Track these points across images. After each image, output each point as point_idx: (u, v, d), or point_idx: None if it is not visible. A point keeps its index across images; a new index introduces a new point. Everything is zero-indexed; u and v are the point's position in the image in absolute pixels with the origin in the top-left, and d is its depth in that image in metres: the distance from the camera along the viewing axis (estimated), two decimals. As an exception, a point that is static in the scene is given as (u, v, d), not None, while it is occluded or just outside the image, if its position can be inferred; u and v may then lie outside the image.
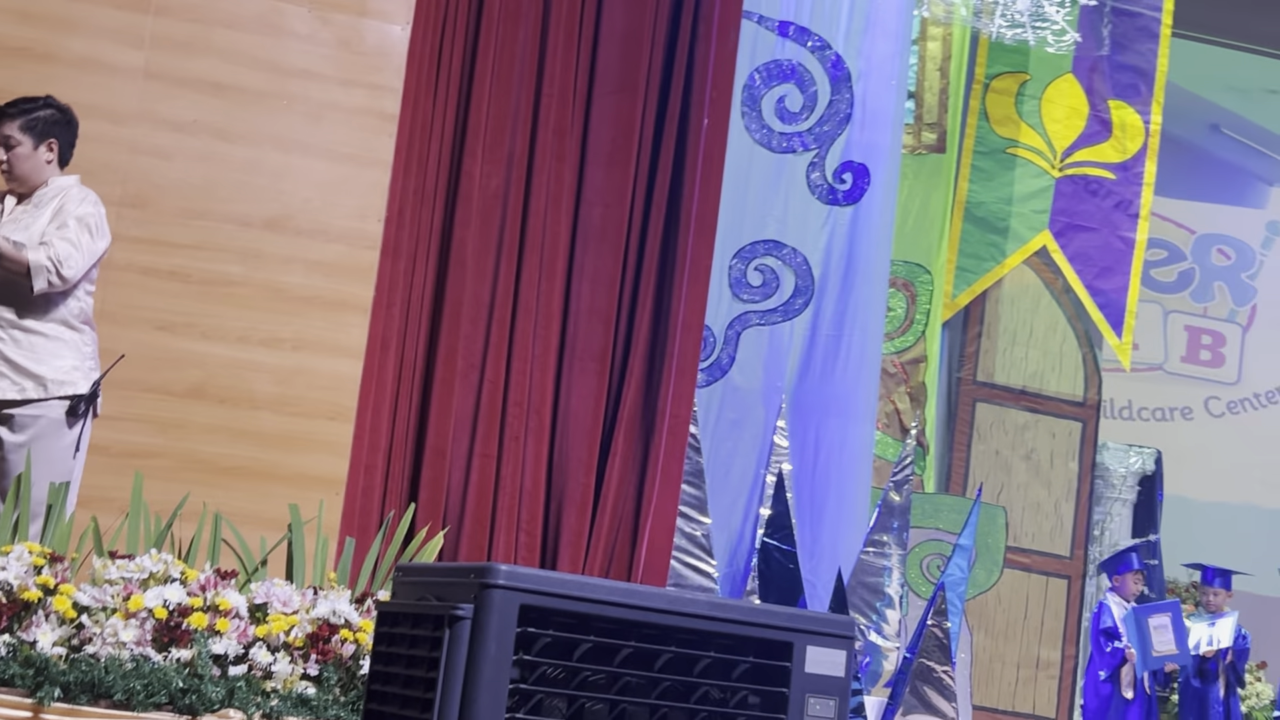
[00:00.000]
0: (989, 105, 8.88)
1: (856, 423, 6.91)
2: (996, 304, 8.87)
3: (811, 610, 5.12)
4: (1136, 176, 8.91)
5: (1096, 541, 9.04)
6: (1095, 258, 8.89)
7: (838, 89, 6.90)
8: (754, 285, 6.84)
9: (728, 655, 2.80)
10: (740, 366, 6.76)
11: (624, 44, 5.79)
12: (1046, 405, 8.80)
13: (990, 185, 8.87)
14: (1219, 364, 11.76)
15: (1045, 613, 8.44)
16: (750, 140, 6.81)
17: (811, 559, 6.41)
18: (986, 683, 8.11)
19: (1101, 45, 8.83)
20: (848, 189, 7.01)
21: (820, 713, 2.81)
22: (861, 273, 7.01)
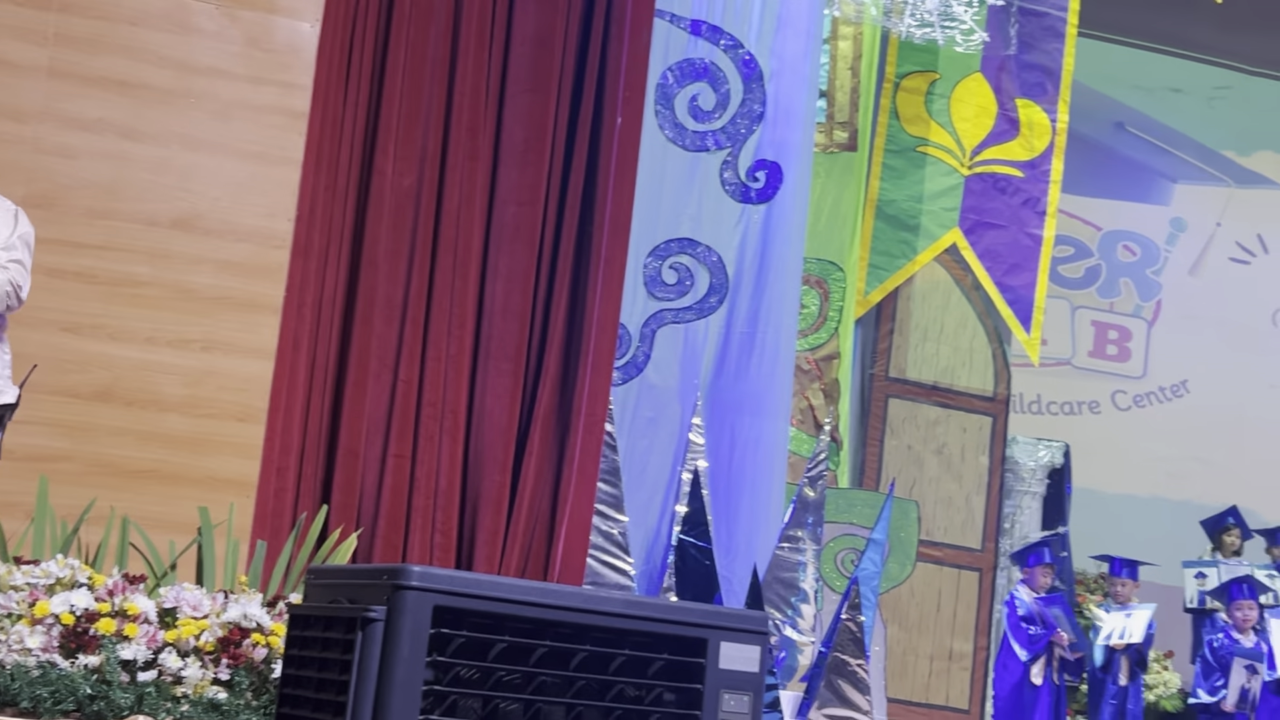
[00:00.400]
0: (899, 104, 8.96)
1: (771, 419, 6.95)
2: (908, 301, 8.96)
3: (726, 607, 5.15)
4: (1044, 174, 9.05)
5: (1007, 534, 9.16)
6: (1004, 255, 9.01)
7: (750, 88, 6.94)
8: (669, 283, 6.86)
9: (643, 653, 2.81)
10: (656, 364, 6.78)
11: (536, 43, 5.78)
12: (957, 400, 8.90)
13: (901, 183, 8.96)
14: (1125, 358, 11.97)
15: (957, 605, 8.54)
16: (664, 139, 6.83)
17: (727, 555, 6.44)
18: (900, 675, 8.19)
19: (1009, 45, 8.95)
20: (761, 187, 7.05)
21: (734, 708, 2.83)
22: (775, 270, 7.06)
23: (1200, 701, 8.21)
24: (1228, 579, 8.86)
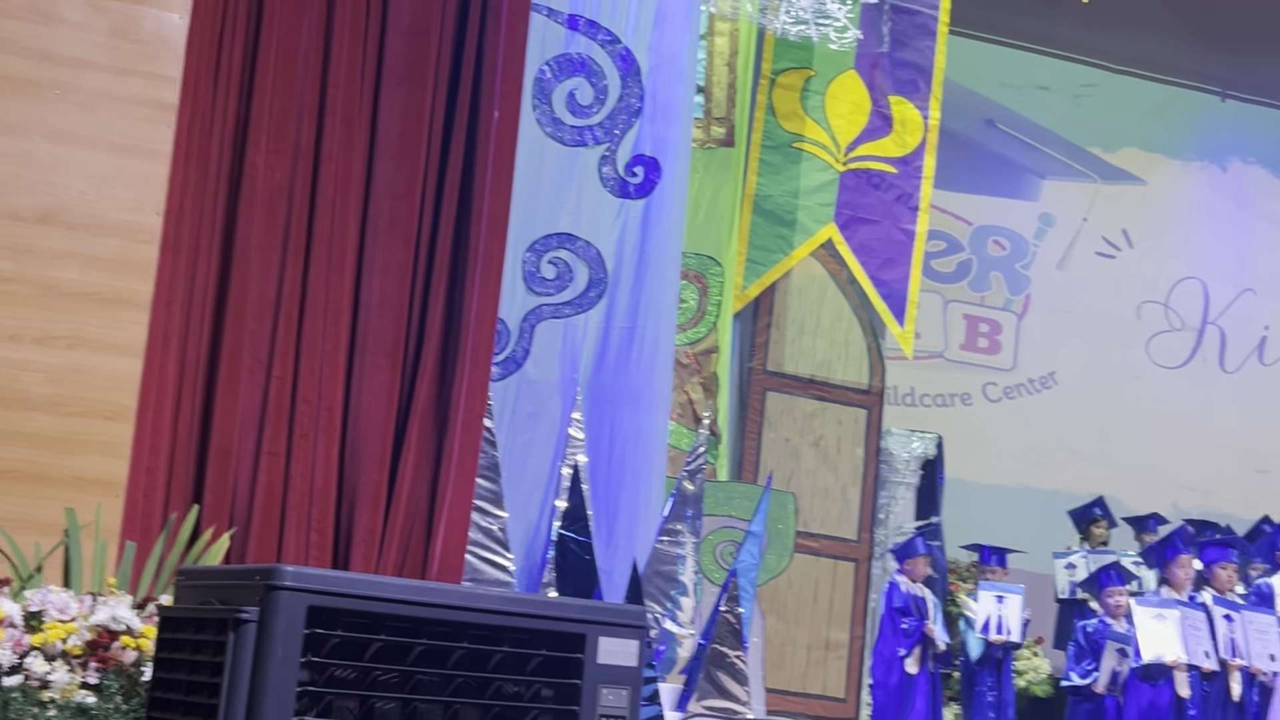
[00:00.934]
0: (775, 100, 9.04)
1: (651, 413, 6.98)
2: (785, 295, 9.05)
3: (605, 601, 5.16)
4: (916, 170, 9.19)
5: (882, 524, 9.30)
6: (878, 249, 9.14)
7: (628, 83, 6.95)
8: (548, 278, 6.85)
9: (521, 649, 2.81)
10: (535, 359, 6.76)
11: (412, 35, 5.72)
12: (833, 393, 9.01)
13: (778, 179, 9.04)
14: (996, 351, 12.23)
15: (834, 595, 8.65)
16: (542, 133, 6.81)
17: (607, 550, 6.45)
18: (778, 665, 8.28)
19: (882, 42, 9.08)
20: (639, 182, 7.06)
21: (612, 703, 2.84)
22: (654, 265, 7.07)
23: (1072, 684, 8.41)
24: (1096, 568, 9.09)
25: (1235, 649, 8.16)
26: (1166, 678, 8.02)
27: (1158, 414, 12.32)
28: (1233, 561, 8.70)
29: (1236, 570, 8.79)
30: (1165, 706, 8.02)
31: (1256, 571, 9.36)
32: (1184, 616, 8.13)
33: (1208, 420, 12.40)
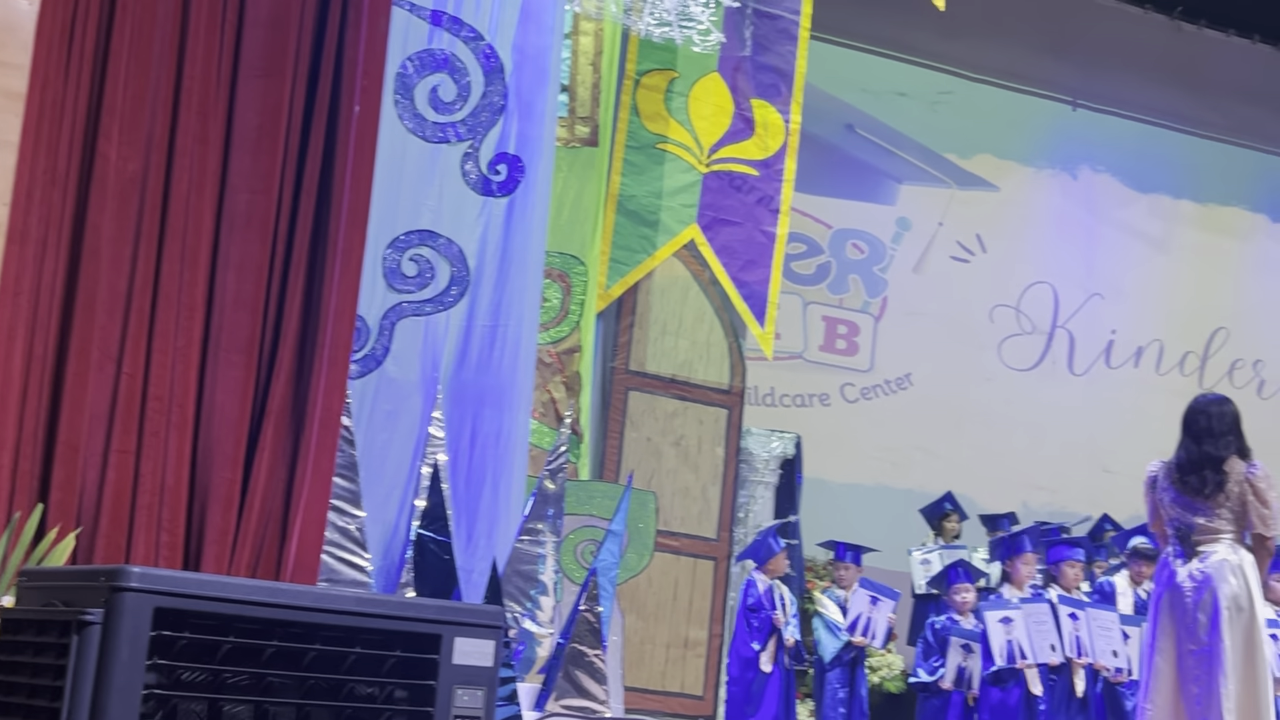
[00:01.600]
0: (640, 101, 9.08)
1: (513, 412, 6.95)
2: (648, 295, 9.09)
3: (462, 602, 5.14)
4: (778, 173, 9.30)
5: (741, 523, 9.40)
6: (740, 251, 9.22)
7: (491, 80, 6.91)
8: (409, 275, 6.79)
9: (375, 650, 2.78)
10: (395, 357, 6.69)
11: (270, 26, 5.62)
12: (695, 393, 9.07)
13: (641, 179, 9.07)
14: (854, 352, 12.42)
15: (693, 593, 8.71)
16: (404, 129, 6.75)
17: (467, 549, 6.42)
18: (637, 664, 8.32)
19: (744, 46, 9.16)
20: (502, 180, 7.03)
21: (467, 704, 2.83)
22: (517, 264, 7.05)
23: (920, 681, 8.58)
24: (946, 565, 9.29)
25: (1080, 646, 8.40)
26: (1018, 679, 8.23)
27: (1009, 415, 12.62)
28: (1079, 560, 8.96)
29: (1082, 569, 9.05)
30: (1015, 703, 8.23)
31: (1100, 570, 9.65)
32: (1029, 613, 8.34)
33: (1057, 421, 12.74)
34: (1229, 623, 5.70)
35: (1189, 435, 6.04)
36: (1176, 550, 5.94)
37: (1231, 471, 5.89)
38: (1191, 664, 5.73)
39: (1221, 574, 5.75)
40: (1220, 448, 5.95)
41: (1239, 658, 5.68)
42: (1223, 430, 5.99)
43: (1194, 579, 5.80)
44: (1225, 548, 5.82)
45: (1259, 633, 5.77)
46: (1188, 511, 5.89)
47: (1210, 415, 6.05)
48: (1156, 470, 6.12)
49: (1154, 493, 6.11)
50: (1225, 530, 5.85)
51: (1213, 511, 5.85)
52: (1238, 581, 5.75)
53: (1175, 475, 6.01)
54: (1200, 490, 5.87)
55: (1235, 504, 5.84)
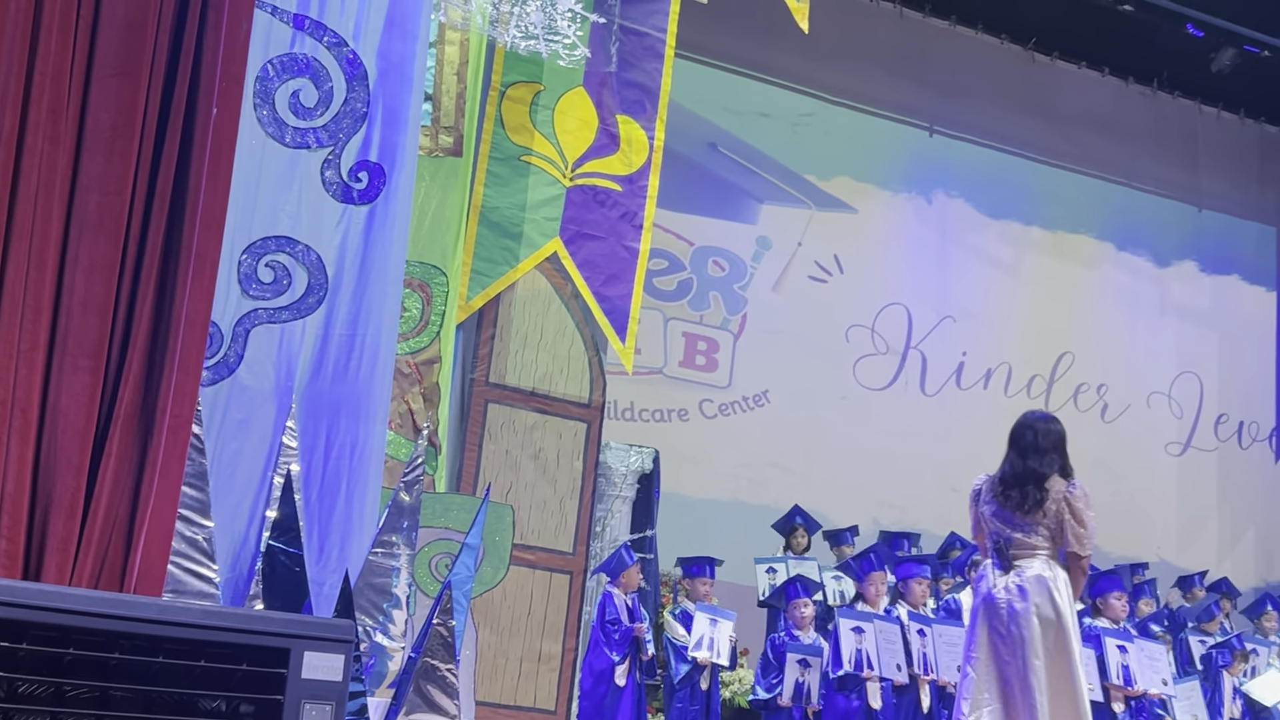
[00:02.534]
0: (505, 113, 9.06)
1: (369, 423, 6.87)
2: (509, 307, 9.06)
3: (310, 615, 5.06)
4: (641, 189, 9.34)
5: (598, 538, 9.41)
6: (602, 265, 9.25)
7: (354, 87, 6.84)
8: (265, 282, 6.67)
9: (221, 664, 2.73)
10: (249, 365, 6.57)
11: (127, 25, 5.49)
12: (555, 406, 9.06)
13: (505, 191, 9.05)
14: (713, 369, 12.52)
15: (548, 607, 8.69)
16: (263, 133, 6.64)
17: (319, 562, 6.32)
18: (490, 678, 8.27)
19: (610, 62, 9.20)
20: (364, 188, 6.95)
21: (315, 718, 2.79)
22: (377, 272, 6.97)
23: (759, 698, 8.66)
24: (784, 581, 9.40)
25: (926, 663, 8.56)
26: (860, 689, 8.35)
27: (862, 433, 12.83)
28: (926, 577, 9.14)
29: (929, 586, 9.24)
30: (856, 715, 8.35)
31: (946, 587, 9.85)
32: (879, 630, 8.48)
33: (908, 440, 12.98)
34: (1040, 638, 5.81)
35: (1014, 450, 6.12)
36: (995, 563, 6.02)
37: (1052, 489, 5.98)
38: (1002, 677, 5.85)
39: (1035, 589, 5.85)
40: (1044, 464, 6.02)
41: (1052, 674, 5.79)
42: (1047, 447, 6.06)
43: (1008, 593, 5.90)
44: (1041, 563, 5.92)
45: (1071, 647, 5.87)
46: (1007, 526, 5.99)
47: (1036, 431, 6.12)
48: (981, 484, 6.22)
49: (977, 506, 6.20)
50: (1042, 546, 5.94)
51: (1031, 527, 5.95)
52: (1050, 597, 5.85)
53: (998, 489, 6.10)
54: (1020, 505, 5.97)
55: (1053, 521, 5.94)
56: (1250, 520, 14.75)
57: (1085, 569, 6.05)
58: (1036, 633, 5.81)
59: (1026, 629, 5.82)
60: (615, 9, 9.14)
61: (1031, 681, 5.74)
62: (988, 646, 5.94)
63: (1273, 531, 14.84)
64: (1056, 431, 6.14)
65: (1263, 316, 15.27)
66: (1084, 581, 6.17)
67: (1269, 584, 14.03)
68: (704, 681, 8.69)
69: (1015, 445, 6.14)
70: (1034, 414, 6.34)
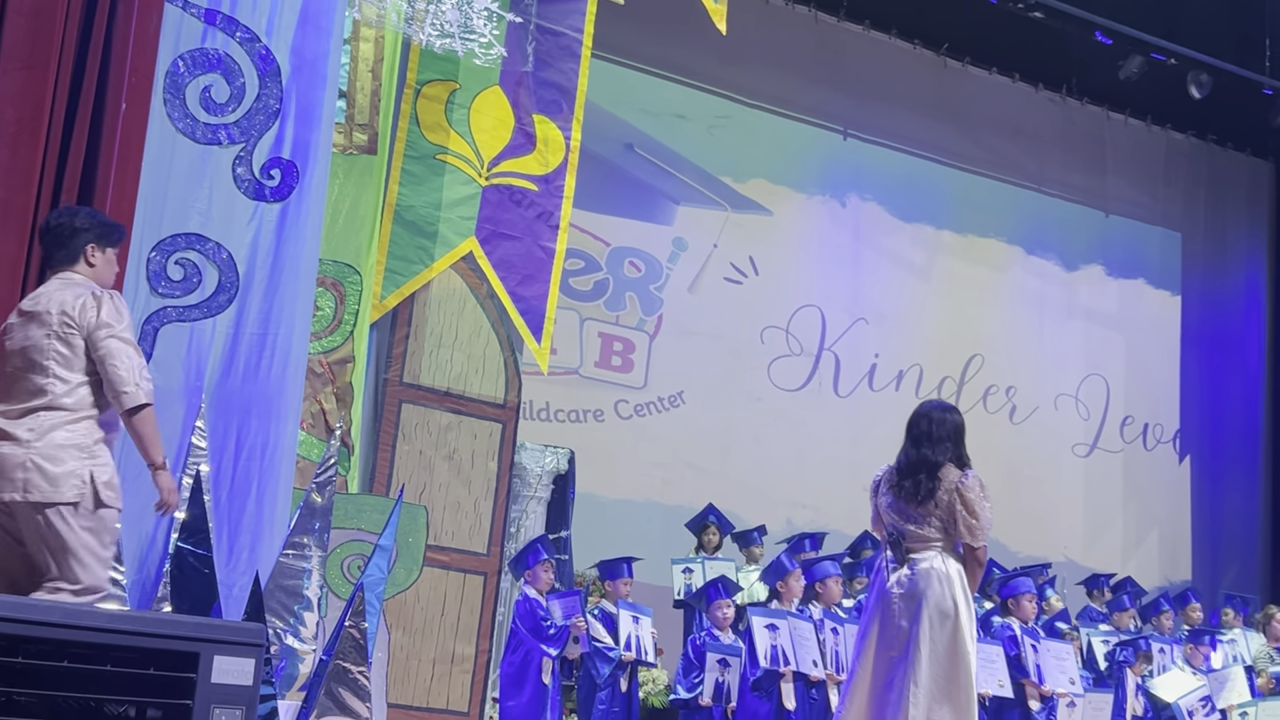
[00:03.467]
0: (420, 111, 9.00)
1: (280, 423, 6.80)
2: (424, 307, 9.00)
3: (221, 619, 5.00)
4: (557, 189, 9.32)
5: (512, 538, 9.38)
6: (518, 265, 9.21)
7: (266, 83, 6.76)
8: (175, 280, 6.58)
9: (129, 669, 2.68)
10: (158, 364, 6.48)
11: (34, 16, 5.41)
12: (470, 407, 9.02)
13: (420, 190, 8.98)
14: (629, 369, 12.53)
15: (463, 609, 8.65)
16: (173, 129, 6.54)
17: (228, 564, 6.25)
18: (403, 680, 8.21)
19: (526, 61, 9.17)
20: (276, 185, 6.88)
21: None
22: (289, 271, 6.90)
23: (679, 697, 8.68)
24: (704, 583, 9.43)
25: (839, 662, 8.63)
26: (774, 687, 8.40)
27: (776, 434, 12.91)
28: (838, 576, 9.22)
29: (842, 585, 9.32)
30: (768, 716, 8.40)
31: (859, 586, 9.94)
32: (793, 627, 8.54)
33: (821, 441, 13.08)
34: (929, 632, 5.71)
35: (909, 439, 5.98)
36: (890, 557, 5.93)
37: (944, 478, 5.84)
38: (887, 670, 5.79)
39: (928, 582, 5.75)
40: (937, 453, 5.87)
41: (939, 668, 5.69)
42: (942, 436, 5.91)
43: (901, 586, 5.80)
44: (935, 555, 5.81)
45: (964, 643, 5.76)
46: (901, 518, 5.88)
47: (931, 420, 5.97)
48: (881, 475, 6.08)
49: (875, 497, 6.06)
50: (935, 539, 5.83)
51: (924, 519, 5.83)
52: (943, 590, 5.75)
53: (893, 479, 5.97)
54: (914, 496, 5.83)
55: (945, 512, 5.81)
56: (1155, 521, 15.04)
57: (982, 561, 5.92)
58: (925, 627, 5.72)
59: (914, 623, 5.74)
60: (532, 8, 9.11)
61: (910, 677, 5.67)
62: (875, 641, 5.84)
63: (1177, 532, 15.14)
64: (952, 421, 6.00)
65: (1167, 320, 15.57)
66: (980, 575, 6.04)
67: (1172, 584, 14.33)
68: (624, 682, 8.68)
69: (910, 434, 5.99)
70: (930, 403, 6.20)
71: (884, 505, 5.98)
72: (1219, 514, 15.30)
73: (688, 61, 12.77)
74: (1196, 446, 15.42)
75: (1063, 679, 9.19)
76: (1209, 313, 15.72)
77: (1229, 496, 15.38)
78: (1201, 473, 15.39)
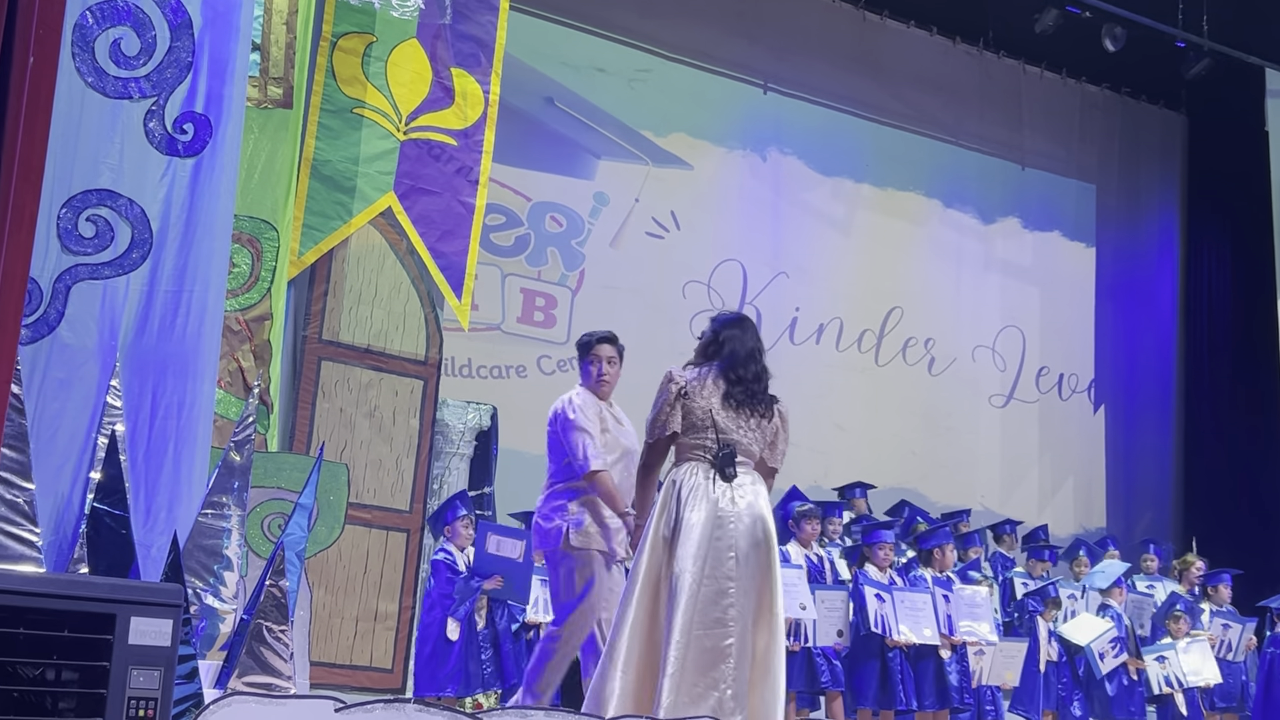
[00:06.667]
0: (336, 64, 8.89)
1: (197, 381, 6.72)
2: (343, 263, 8.93)
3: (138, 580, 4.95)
4: (477, 144, 9.27)
5: (435, 495, 9.36)
6: (438, 221, 9.16)
7: (178, 35, 6.64)
8: (86, 237, 6.47)
9: (43, 631, 2.65)
10: (70, 322, 6.37)
11: (-66, -33, 5.26)
12: (390, 364, 8.98)
13: (337, 144, 8.89)
14: (551, 325, 12.51)
15: (385, 566, 8.64)
16: (82, 84, 6.41)
17: (146, 524, 6.18)
18: (325, 638, 8.20)
19: (444, 14, 9.08)
20: (189, 140, 6.77)
21: (143, 684, 2.73)
22: (204, 227, 6.81)
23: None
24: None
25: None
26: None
27: (698, 388, 12.92)
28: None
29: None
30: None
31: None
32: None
33: (743, 394, 13.11)
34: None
35: (747, 343, 5.83)
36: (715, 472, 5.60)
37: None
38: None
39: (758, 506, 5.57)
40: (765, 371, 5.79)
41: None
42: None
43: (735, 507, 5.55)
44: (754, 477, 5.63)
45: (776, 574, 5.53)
46: (733, 431, 5.64)
47: (757, 333, 5.89)
48: (690, 374, 5.88)
49: (688, 399, 5.79)
50: (755, 458, 5.66)
51: (755, 435, 5.66)
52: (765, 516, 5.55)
53: (724, 387, 5.71)
54: (752, 409, 5.65)
55: (769, 433, 5.68)
56: (1070, 469, 15.31)
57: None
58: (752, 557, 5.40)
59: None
60: (449, -40, 9.03)
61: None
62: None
63: (1091, 480, 15.42)
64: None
65: (1082, 272, 15.80)
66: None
67: (1086, 530, 14.61)
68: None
69: (751, 337, 5.74)
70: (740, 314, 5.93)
71: (716, 410, 5.62)
72: (1133, 462, 15.61)
73: (607, 14, 12.71)
74: (1111, 396, 15.69)
75: (977, 627, 9.36)
76: (1123, 264, 15.97)
77: (1143, 445, 15.68)
78: (1116, 422, 15.68)
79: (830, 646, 8.84)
